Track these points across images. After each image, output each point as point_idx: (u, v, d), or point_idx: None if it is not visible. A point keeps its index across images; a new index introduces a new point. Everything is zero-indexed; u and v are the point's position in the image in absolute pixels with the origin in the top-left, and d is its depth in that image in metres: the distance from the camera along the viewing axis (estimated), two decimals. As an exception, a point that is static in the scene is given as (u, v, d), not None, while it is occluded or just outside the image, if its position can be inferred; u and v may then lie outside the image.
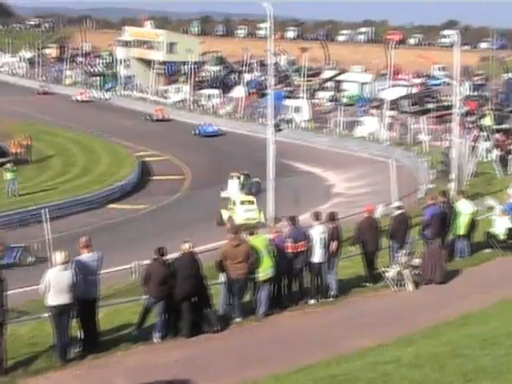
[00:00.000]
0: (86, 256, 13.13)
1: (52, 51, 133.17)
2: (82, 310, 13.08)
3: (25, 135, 52.62)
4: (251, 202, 35.40)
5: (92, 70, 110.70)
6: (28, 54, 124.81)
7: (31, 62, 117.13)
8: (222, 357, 13.03)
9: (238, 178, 42.05)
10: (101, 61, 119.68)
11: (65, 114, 74.30)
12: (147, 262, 14.86)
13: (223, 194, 39.84)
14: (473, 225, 20.33)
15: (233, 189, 41.01)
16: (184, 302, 13.88)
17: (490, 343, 12.85)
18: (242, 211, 34.33)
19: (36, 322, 14.37)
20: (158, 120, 73.65)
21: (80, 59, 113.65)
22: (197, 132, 65.86)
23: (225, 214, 34.03)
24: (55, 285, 12.50)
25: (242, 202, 35.46)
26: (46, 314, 13.09)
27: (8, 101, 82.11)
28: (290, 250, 15.45)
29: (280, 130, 25.08)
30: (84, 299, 12.98)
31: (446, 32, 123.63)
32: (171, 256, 14.30)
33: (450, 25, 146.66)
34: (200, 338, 14.01)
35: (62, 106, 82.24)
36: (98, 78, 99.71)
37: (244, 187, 41.41)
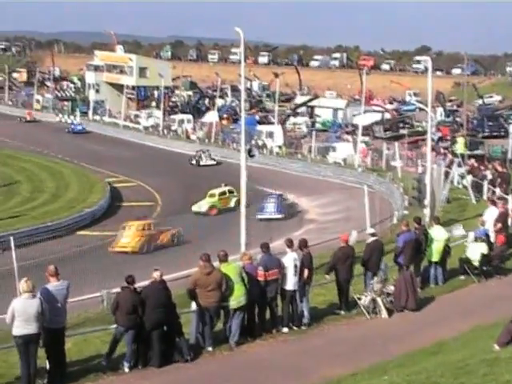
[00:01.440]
0: (53, 284, 12.86)
1: (21, 75, 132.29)
2: (49, 339, 12.79)
3: None
4: None
5: (62, 94, 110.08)
6: None
7: None
8: (193, 387, 12.81)
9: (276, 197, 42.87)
10: (71, 85, 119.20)
11: (34, 139, 73.54)
12: (117, 290, 14.59)
13: (260, 216, 40.19)
14: (447, 251, 20.28)
15: (270, 210, 41.82)
16: (154, 330, 13.66)
17: (465, 371, 12.67)
18: None
19: (1, 353, 14.00)
20: (28, 121, 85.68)
21: (49, 84, 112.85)
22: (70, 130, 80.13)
23: None
24: (21, 314, 12.25)
25: None
26: (12, 344, 12.76)
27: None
28: (260, 278, 15.25)
29: (252, 156, 24.92)
30: (51, 328, 12.71)
31: (418, 58, 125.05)
32: (141, 284, 14.06)
33: (423, 50, 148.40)
34: (171, 368, 13.81)
35: (32, 131, 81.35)
36: (68, 103, 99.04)
37: (280, 208, 42.02)
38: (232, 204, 44.16)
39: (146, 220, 37.96)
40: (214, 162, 62.47)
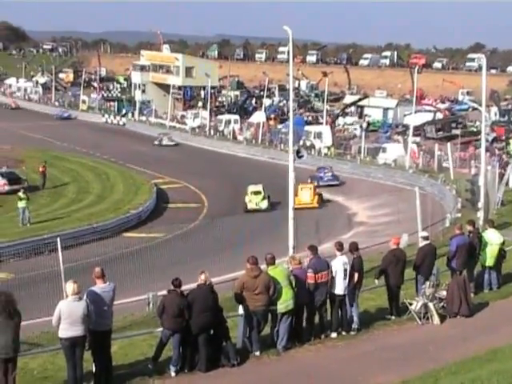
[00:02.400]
0: (99, 287, 12.78)
1: (67, 76, 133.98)
2: (96, 342, 12.71)
3: (41, 162, 52.53)
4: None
5: (108, 94, 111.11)
6: (43, 79, 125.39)
7: (46, 86, 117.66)
8: (240, 392, 12.63)
9: None
10: (117, 85, 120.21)
11: (80, 140, 74.25)
12: (163, 293, 14.46)
13: (321, 183, 44.27)
14: (502, 255, 19.75)
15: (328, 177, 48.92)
16: (200, 334, 13.49)
17: (521, 380, 12.32)
18: None
19: (48, 355, 14.01)
20: (13, 109, 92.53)
21: (95, 84, 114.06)
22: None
23: None
24: (67, 316, 12.19)
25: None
26: (59, 347, 12.72)
27: (22, 127, 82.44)
28: (310, 281, 14.96)
29: (301, 157, 24.61)
30: (97, 331, 12.63)
31: (472, 55, 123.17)
32: (188, 287, 13.91)
33: (477, 48, 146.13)
34: (217, 373, 13.63)
35: (78, 132, 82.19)
36: (114, 103, 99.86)
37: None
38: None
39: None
40: (174, 143, 73.84)
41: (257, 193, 45.96)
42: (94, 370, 12.84)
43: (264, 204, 44.99)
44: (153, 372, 13.39)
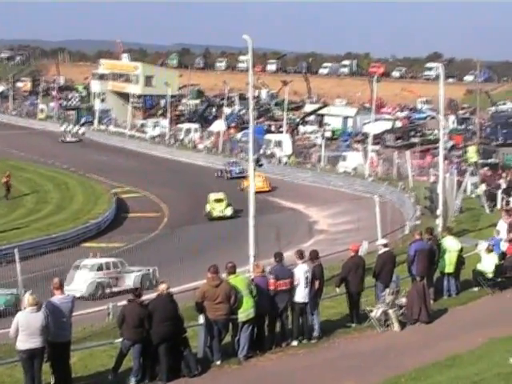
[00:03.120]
0: (58, 298, 12.65)
1: (25, 84, 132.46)
2: (54, 354, 12.59)
3: (5, 172, 51.84)
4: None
5: (67, 103, 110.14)
6: (0, 88, 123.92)
7: (3, 95, 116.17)
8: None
9: None
10: (76, 94, 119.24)
11: (39, 149, 73.42)
12: (123, 303, 14.34)
13: None
14: (461, 262, 19.94)
15: None
16: (161, 344, 13.39)
17: (480, 386, 12.43)
18: None
19: (6, 368, 13.77)
20: None
21: (54, 93, 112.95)
22: None
23: None
24: (25, 328, 12.04)
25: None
26: (17, 359, 12.53)
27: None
28: (271, 287, 14.97)
29: (260, 165, 24.65)
30: (56, 343, 12.51)
31: (430, 64, 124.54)
32: (148, 297, 13.80)
33: (434, 57, 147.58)
34: (178, 383, 13.54)
35: (37, 141, 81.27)
36: (73, 112, 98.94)
37: None
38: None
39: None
40: (77, 139, 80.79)
41: (219, 200, 46.13)
42: (52, 382, 12.70)
43: (229, 211, 45.25)
44: (113, 383, 13.25)
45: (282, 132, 74.28)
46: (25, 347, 12.08)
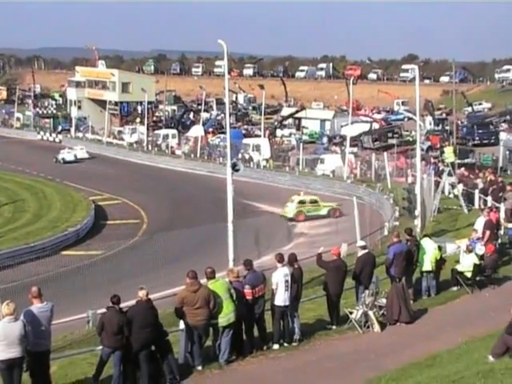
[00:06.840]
0: (36, 307, 12.55)
1: (0, 93, 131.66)
2: (34, 363, 12.49)
3: None
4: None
5: (43, 111, 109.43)
6: None
7: None
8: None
9: None
10: (52, 102, 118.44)
11: (15, 158, 72.79)
12: (103, 310, 14.27)
13: None
14: (441, 261, 20.06)
15: None
16: (141, 351, 13.34)
17: (460, 384, 12.49)
18: None
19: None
20: None
21: (30, 101, 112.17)
22: None
23: None
24: (3, 338, 11.93)
25: None
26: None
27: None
28: (249, 297, 14.96)
29: (237, 170, 24.61)
30: (35, 352, 12.41)
31: (405, 66, 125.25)
32: (127, 304, 13.75)
33: (410, 59, 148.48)
34: (159, 389, 13.45)
35: (13, 150, 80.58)
36: (50, 120, 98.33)
37: None
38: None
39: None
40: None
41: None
42: (32, 391, 12.60)
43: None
44: (94, 391, 13.20)
45: (257, 136, 74.23)
46: (4, 357, 11.96)
